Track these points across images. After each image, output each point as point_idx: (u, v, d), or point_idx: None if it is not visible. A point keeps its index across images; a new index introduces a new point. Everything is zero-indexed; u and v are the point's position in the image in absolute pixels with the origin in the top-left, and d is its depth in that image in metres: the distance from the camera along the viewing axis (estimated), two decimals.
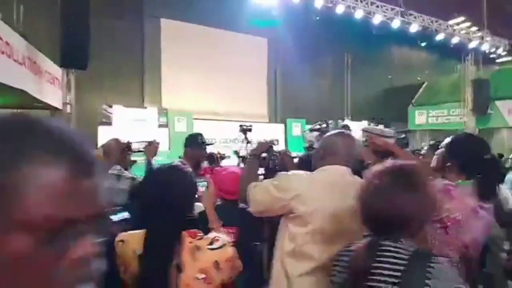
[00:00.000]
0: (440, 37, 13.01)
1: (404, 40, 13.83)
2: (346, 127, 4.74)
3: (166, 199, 1.35)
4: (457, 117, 12.91)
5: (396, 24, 12.01)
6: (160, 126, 9.59)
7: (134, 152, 2.30)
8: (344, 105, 14.17)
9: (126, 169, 2.62)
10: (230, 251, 1.35)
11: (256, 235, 2.17)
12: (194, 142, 3.03)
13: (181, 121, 10.04)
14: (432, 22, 12.76)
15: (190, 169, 1.50)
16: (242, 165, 5.61)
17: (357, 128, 5.32)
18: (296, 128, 12.50)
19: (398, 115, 13.40)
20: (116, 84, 9.72)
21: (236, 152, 6.02)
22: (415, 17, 12.29)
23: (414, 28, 12.31)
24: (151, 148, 2.32)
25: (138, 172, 2.82)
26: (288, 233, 1.67)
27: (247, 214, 1.83)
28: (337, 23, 11.81)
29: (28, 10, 6.87)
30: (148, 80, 10.64)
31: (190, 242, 1.32)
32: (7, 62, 4.82)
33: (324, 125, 4.69)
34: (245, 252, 1.57)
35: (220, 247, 1.33)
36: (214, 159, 5.87)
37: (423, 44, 14.25)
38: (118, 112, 8.90)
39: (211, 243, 1.33)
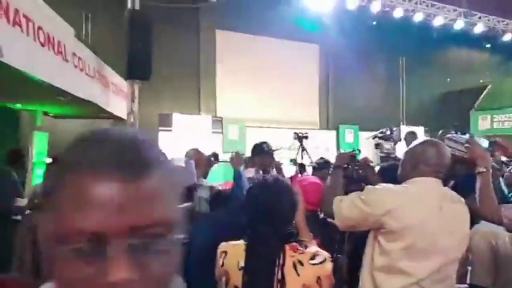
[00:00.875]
0: (507, 38, 12.24)
1: (464, 42, 13.16)
2: (413, 134, 4.55)
3: (276, 209, 1.36)
4: None
5: (459, 25, 11.49)
6: (214, 133, 9.79)
7: (220, 162, 2.36)
8: (400, 111, 13.68)
9: (205, 178, 2.67)
10: (329, 266, 1.33)
11: (338, 247, 2.13)
12: (262, 151, 3.06)
13: (234, 128, 10.21)
14: (498, 22, 12.05)
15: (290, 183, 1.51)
16: (299, 173, 5.59)
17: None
18: (349, 134, 12.25)
19: (458, 120, 12.71)
20: (174, 93, 10.08)
21: (294, 160, 6.01)
22: (479, 18, 11.67)
23: (479, 28, 11.69)
24: (237, 158, 2.38)
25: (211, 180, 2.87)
26: (379, 247, 1.62)
27: (328, 225, 1.81)
28: (393, 27, 11.50)
29: (95, 26, 7.33)
30: (203, 89, 10.94)
31: (292, 256, 1.32)
32: (80, 76, 5.16)
33: (388, 132, 4.53)
34: None
35: (321, 262, 1.32)
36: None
37: (488, 46, 13.47)
38: (176, 119, 9.23)
39: (313, 258, 1.33)
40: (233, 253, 1.38)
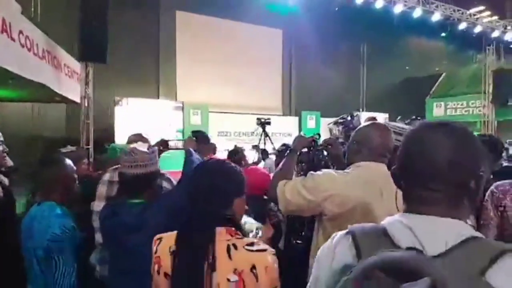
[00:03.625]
0: (462, 26, 12.70)
1: (422, 30, 13.54)
2: (374, 119, 4.60)
3: (215, 188, 1.29)
4: (476, 108, 12.62)
5: (417, 13, 11.76)
6: (175, 118, 9.56)
7: (171, 149, 2.23)
8: (360, 97, 13.98)
9: None
10: (269, 258, 1.22)
11: (298, 233, 2.10)
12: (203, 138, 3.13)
13: (196, 114, 10.01)
14: (454, 11, 12.46)
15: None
16: (262, 159, 5.56)
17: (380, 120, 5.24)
18: (311, 120, 12.37)
19: (415, 107, 13.16)
20: (132, 77, 9.69)
21: (256, 146, 5.96)
22: (436, 6, 12.01)
23: (436, 17, 12.03)
24: (189, 140, 2.29)
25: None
26: (324, 233, 1.62)
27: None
28: (354, 14, 11.62)
29: (46, 4, 6.86)
30: (163, 73, 10.60)
31: (228, 240, 1.23)
32: (27, 56, 4.81)
33: (349, 118, 4.56)
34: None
35: (258, 250, 1.22)
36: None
37: (443, 34, 13.93)
38: (134, 105, 8.89)
39: (250, 244, 1.23)
40: (167, 239, 1.30)
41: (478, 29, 12.97)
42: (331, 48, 12.75)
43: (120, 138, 8.41)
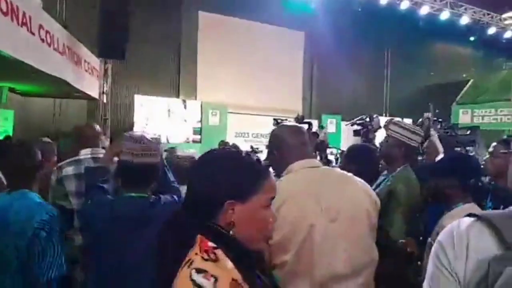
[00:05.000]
0: (491, 31, 12.24)
1: (450, 35, 13.14)
2: (391, 121, 4.44)
3: (190, 187, 1.04)
4: (504, 116, 12.14)
5: (444, 16, 11.39)
6: (193, 118, 9.57)
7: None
8: (383, 102, 13.66)
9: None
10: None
11: None
12: None
13: (215, 114, 9.99)
14: (484, 15, 12.01)
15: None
16: None
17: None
18: (331, 124, 12.18)
19: (440, 113, 12.76)
20: (152, 75, 9.76)
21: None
22: (465, 9, 11.61)
23: (464, 20, 11.62)
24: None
25: None
26: None
27: None
28: (378, 16, 11.37)
29: (69, 1, 6.96)
30: (184, 72, 10.63)
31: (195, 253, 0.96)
32: (48, 51, 4.85)
33: (368, 119, 4.36)
34: None
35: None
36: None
37: (472, 39, 13.47)
38: (153, 103, 8.94)
39: (198, 271, 0.90)
40: None
41: (508, 34, 12.47)
42: (354, 51, 12.52)
43: None
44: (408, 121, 11.00)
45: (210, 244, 0.95)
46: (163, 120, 8.95)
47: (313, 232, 1.40)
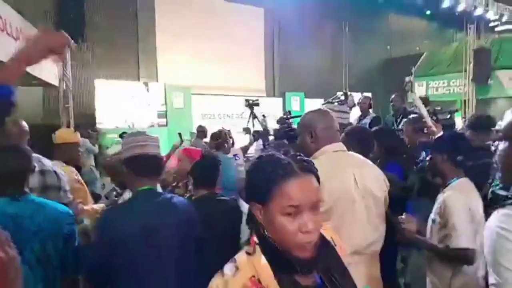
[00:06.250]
0: (446, 4, 12.66)
1: (406, 8, 13.43)
2: (367, 98, 4.60)
3: None
4: (457, 87, 12.76)
5: None
6: (157, 101, 9.28)
7: None
8: (343, 77, 13.88)
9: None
10: None
11: None
12: None
13: (179, 96, 9.72)
14: None
15: None
16: (255, 141, 5.42)
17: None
18: (295, 102, 12.28)
19: (397, 86, 13.20)
20: (111, 59, 9.28)
21: (247, 129, 5.80)
22: None
23: None
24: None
25: None
26: None
27: None
28: None
29: None
30: (143, 53, 10.17)
31: None
32: (0, 37, 4.50)
33: (343, 98, 4.44)
34: None
35: None
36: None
37: (428, 12, 13.88)
38: (114, 87, 8.55)
39: None
40: None
41: (461, 7, 12.96)
42: (314, 27, 12.55)
43: (103, 123, 8.11)
44: (367, 95, 11.30)
45: (255, 239, 1.03)
46: (127, 105, 8.61)
47: (353, 206, 1.67)
